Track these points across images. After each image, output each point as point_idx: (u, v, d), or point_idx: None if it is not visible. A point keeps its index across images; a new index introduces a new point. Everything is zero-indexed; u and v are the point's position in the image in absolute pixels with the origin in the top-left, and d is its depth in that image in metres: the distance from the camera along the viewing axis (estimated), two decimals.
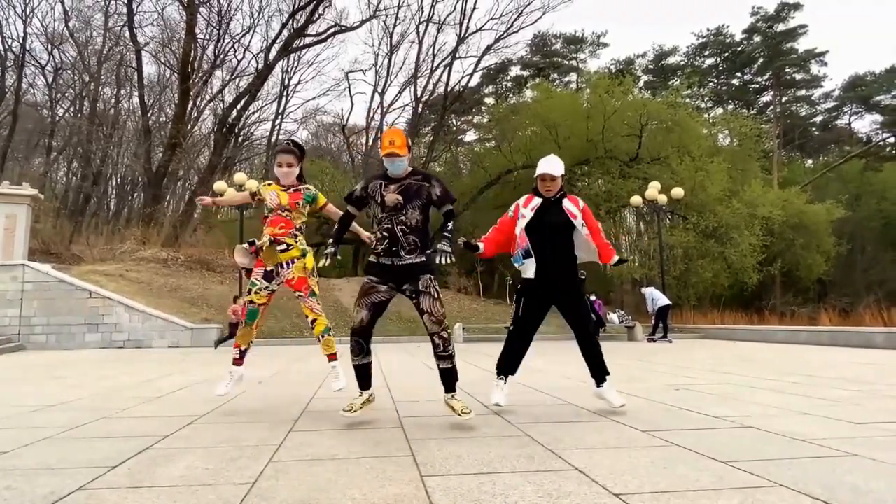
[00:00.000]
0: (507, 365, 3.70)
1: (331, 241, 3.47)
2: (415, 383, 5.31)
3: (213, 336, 13.52)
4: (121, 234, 22.67)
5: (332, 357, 3.76)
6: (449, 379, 3.26)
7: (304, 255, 3.74)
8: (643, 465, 2.29)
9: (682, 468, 2.23)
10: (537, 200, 3.62)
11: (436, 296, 3.19)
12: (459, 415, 3.11)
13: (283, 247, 3.68)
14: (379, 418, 3.48)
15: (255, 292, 3.67)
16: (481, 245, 3.69)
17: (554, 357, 8.26)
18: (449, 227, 3.25)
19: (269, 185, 3.83)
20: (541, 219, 3.57)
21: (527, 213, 3.59)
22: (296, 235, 3.74)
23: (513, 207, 3.70)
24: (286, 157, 3.76)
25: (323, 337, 3.73)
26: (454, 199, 3.38)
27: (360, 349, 3.25)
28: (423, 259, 3.22)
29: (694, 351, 10.23)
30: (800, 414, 3.45)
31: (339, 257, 3.48)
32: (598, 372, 3.58)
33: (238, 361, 3.78)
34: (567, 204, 3.63)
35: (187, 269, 18.05)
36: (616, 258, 3.74)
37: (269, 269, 3.69)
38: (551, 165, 3.60)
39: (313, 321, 3.69)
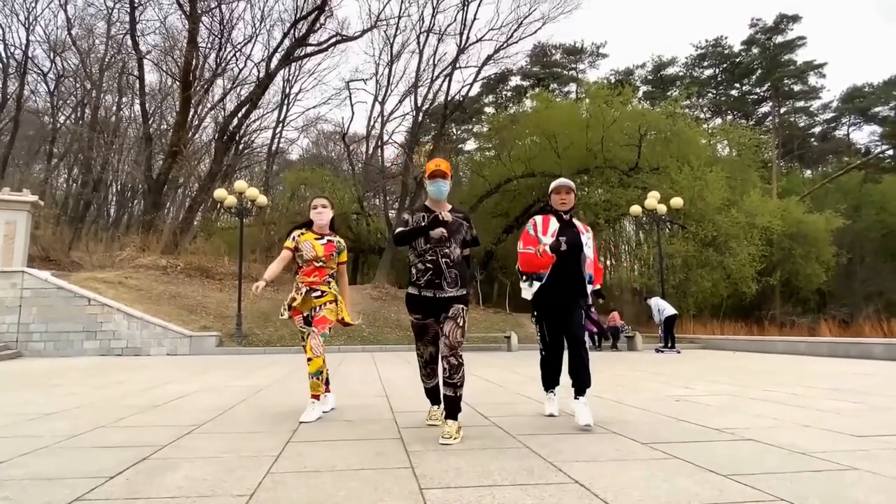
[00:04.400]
0: (550, 380, 3.94)
1: (421, 241, 3.30)
2: (414, 393, 5.26)
3: (213, 343, 13.47)
4: (120, 241, 22.65)
5: (315, 397, 3.89)
6: (449, 406, 3.21)
7: (335, 301, 4.01)
8: (643, 477, 2.28)
9: (683, 481, 2.22)
10: (555, 223, 3.71)
11: (461, 324, 3.24)
12: (443, 435, 3.07)
13: (318, 293, 3.95)
14: (378, 429, 3.47)
15: (307, 336, 3.92)
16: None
17: None
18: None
19: (303, 233, 4.02)
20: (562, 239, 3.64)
21: (546, 239, 3.64)
22: (329, 283, 4.01)
23: (530, 226, 3.76)
24: (320, 199, 4.14)
25: (311, 378, 3.84)
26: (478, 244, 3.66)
27: (432, 374, 3.60)
28: (464, 292, 3.31)
29: (693, 361, 10.21)
30: (800, 426, 3.44)
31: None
32: (580, 383, 3.60)
33: (326, 388, 4.07)
34: (578, 224, 3.79)
35: (186, 276, 18.01)
36: (598, 286, 3.89)
37: (305, 314, 3.95)
38: (566, 180, 3.82)
39: (309, 359, 3.83)
